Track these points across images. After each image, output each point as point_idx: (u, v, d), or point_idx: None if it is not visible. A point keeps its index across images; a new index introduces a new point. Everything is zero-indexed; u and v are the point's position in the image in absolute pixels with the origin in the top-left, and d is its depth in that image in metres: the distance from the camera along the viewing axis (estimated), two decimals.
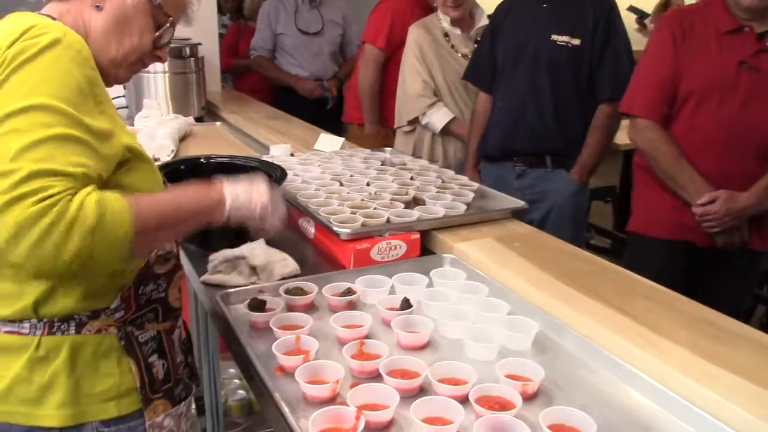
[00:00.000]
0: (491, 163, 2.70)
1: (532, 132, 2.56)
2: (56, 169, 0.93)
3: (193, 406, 1.72)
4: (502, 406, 1.06)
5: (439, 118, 3.04)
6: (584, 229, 2.84)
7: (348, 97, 4.02)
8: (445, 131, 3.05)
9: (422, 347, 1.29)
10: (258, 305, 1.37)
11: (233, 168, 1.86)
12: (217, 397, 2.52)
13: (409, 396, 1.10)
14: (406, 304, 1.38)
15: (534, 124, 2.53)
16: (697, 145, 2.10)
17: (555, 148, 2.52)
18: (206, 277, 1.56)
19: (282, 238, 1.86)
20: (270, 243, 1.67)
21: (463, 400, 1.08)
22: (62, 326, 1.09)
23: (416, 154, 2.91)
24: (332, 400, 1.11)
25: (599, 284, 1.44)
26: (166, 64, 3.01)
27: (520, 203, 1.91)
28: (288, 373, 1.19)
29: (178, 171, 1.83)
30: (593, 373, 1.22)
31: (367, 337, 1.29)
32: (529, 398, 1.12)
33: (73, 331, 1.09)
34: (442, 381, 1.12)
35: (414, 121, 3.12)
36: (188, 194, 1.14)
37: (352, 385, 1.14)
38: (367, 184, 2.03)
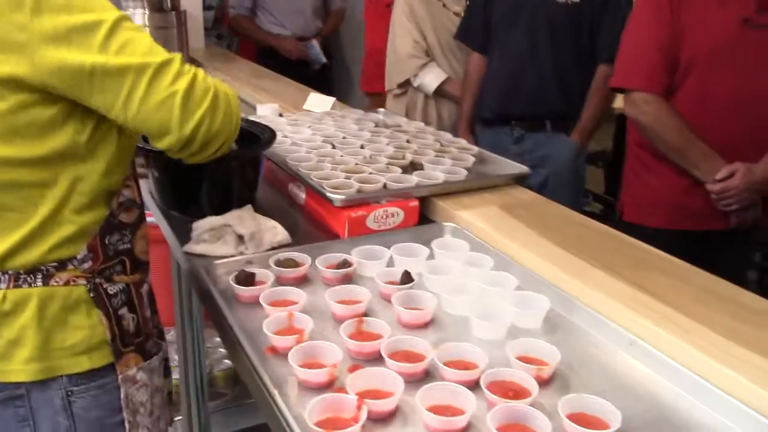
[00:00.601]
0: (488, 128, 2.59)
1: (531, 96, 2.45)
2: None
3: None
4: (517, 393, 0.97)
5: (431, 79, 2.92)
6: (582, 194, 2.75)
7: (368, 64, 3.83)
8: (439, 93, 2.94)
9: (425, 325, 1.19)
10: (246, 278, 1.27)
11: None
12: (201, 367, 2.44)
13: (414, 381, 1.01)
14: (406, 278, 1.28)
15: (533, 88, 2.41)
16: (704, 117, 1.93)
17: (555, 111, 2.41)
18: (189, 246, 1.45)
19: (270, 204, 1.76)
20: (258, 209, 1.56)
21: (473, 386, 0.98)
22: (28, 278, 1.07)
23: (409, 118, 2.79)
24: (330, 385, 1.01)
25: (611, 256, 1.34)
26: (145, 17, 2.85)
27: (522, 168, 1.81)
28: (280, 354, 1.09)
29: None
30: (609, 354, 1.13)
31: (365, 314, 1.19)
32: (544, 383, 1.02)
33: (41, 283, 1.07)
34: (449, 364, 1.02)
35: (405, 84, 2.99)
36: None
37: (351, 369, 1.04)
38: (361, 147, 1.91)
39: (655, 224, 2.01)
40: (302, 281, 1.34)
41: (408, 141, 2.00)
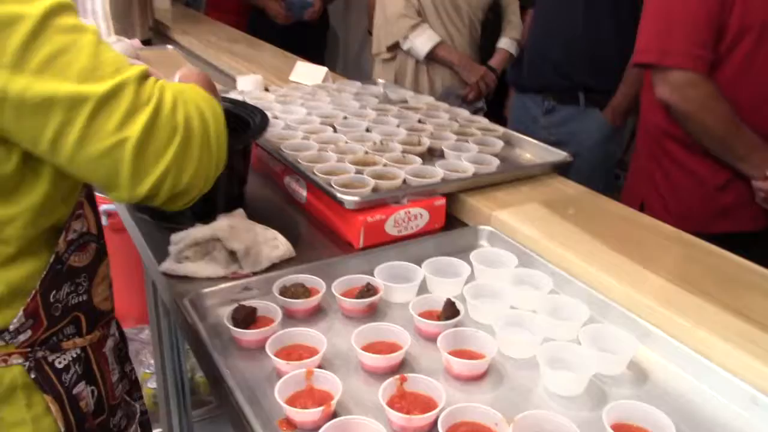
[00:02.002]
0: (520, 93, 2.31)
1: (558, 63, 2.16)
2: None
3: None
4: None
5: (423, 42, 2.63)
6: (613, 180, 2.47)
7: None
8: (431, 58, 2.65)
9: (481, 376, 0.92)
10: (246, 316, 0.98)
11: None
12: (182, 372, 2.17)
13: None
14: (451, 310, 1.00)
15: (560, 55, 2.12)
16: (752, 100, 1.63)
17: (587, 83, 2.12)
18: (168, 265, 1.15)
19: (263, 200, 1.47)
20: (247, 208, 1.27)
21: None
22: None
23: (399, 85, 2.49)
24: None
25: (696, 272, 1.08)
26: None
27: (562, 155, 1.53)
28: (298, 430, 0.82)
29: None
30: (728, 415, 0.87)
31: (403, 362, 0.92)
32: None
33: None
34: None
35: (394, 47, 2.69)
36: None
37: None
38: (367, 130, 1.62)
39: (690, 228, 1.69)
40: (315, 313, 1.06)
41: (420, 121, 1.70)
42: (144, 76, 0.76)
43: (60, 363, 0.85)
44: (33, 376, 0.82)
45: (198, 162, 0.79)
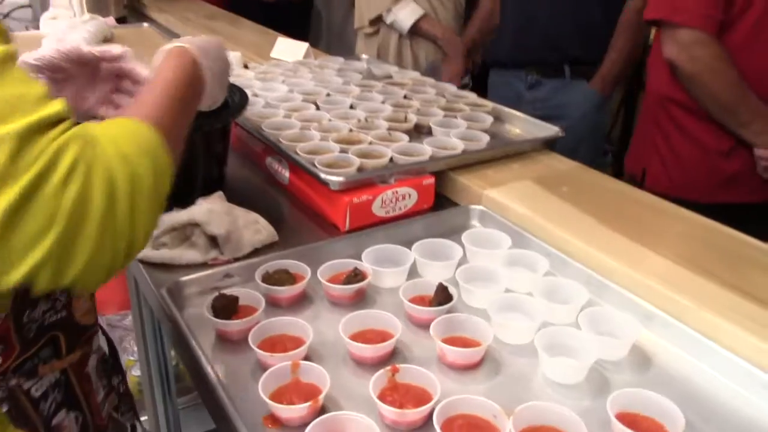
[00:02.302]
0: (501, 70, 2.24)
1: (545, 36, 2.09)
2: None
3: None
4: None
5: (406, 15, 2.56)
6: (602, 151, 2.43)
7: None
8: (415, 31, 2.58)
9: (478, 364, 0.88)
10: (226, 305, 0.93)
11: None
12: (166, 359, 2.12)
13: None
14: (443, 295, 0.95)
15: (548, 27, 2.06)
16: (760, 67, 1.59)
17: (573, 55, 2.06)
18: (145, 253, 1.09)
19: (242, 182, 1.41)
20: (227, 190, 1.21)
21: None
22: None
23: (382, 61, 2.42)
24: None
25: (698, 249, 1.04)
26: None
27: (553, 129, 1.47)
28: (285, 427, 0.77)
29: None
30: (738, 401, 0.83)
31: (394, 351, 0.88)
32: None
33: None
34: None
35: (377, 21, 2.63)
36: (165, 68, 0.84)
37: None
38: (351, 107, 1.55)
39: (692, 197, 1.62)
40: (300, 301, 1.00)
41: (406, 97, 1.64)
42: (45, 125, 0.56)
43: (37, 390, 0.75)
44: (5, 408, 0.72)
45: (93, 252, 0.58)
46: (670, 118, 1.73)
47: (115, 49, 1.03)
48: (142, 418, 2.24)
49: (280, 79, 1.73)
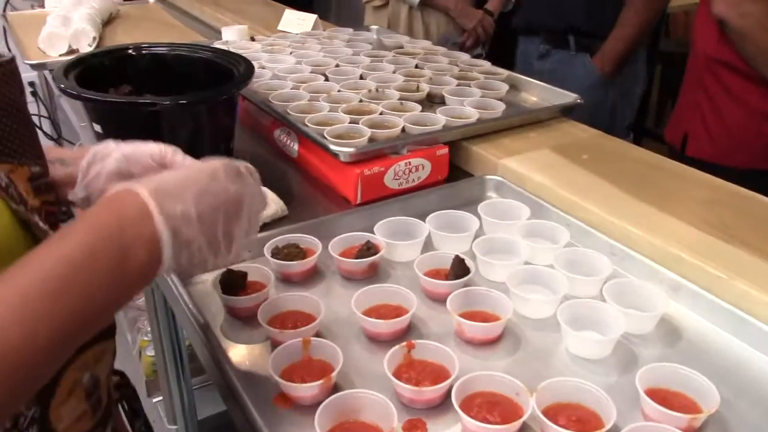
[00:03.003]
0: (523, 37, 2.18)
1: (550, 2, 2.02)
2: None
3: None
4: None
5: None
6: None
7: None
8: (425, 3, 2.52)
9: (497, 339, 0.84)
10: (234, 281, 0.89)
11: (175, 62, 1.31)
12: (179, 338, 2.10)
13: None
14: (460, 268, 0.91)
15: None
16: None
17: (578, 24, 1.97)
18: None
19: (251, 158, 1.36)
20: None
21: None
22: None
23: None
24: None
25: (728, 217, 0.99)
26: None
27: (571, 96, 1.42)
28: (297, 406, 0.73)
29: (100, 67, 1.28)
30: (764, 365, 0.79)
31: (409, 327, 0.84)
32: None
33: None
34: (554, 414, 0.68)
35: None
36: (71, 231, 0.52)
37: (408, 427, 0.70)
38: (362, 78, 1.50)
39: (739, 164, 1.60)
40: (311, 276, 0.97)
41: (417, 66, 1.59)
42: None
43: None
44: None
45: None
46: (716, 80, 1.66)
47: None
48: (157, 399, 2.24)
49: (288, 51, 1.69)
